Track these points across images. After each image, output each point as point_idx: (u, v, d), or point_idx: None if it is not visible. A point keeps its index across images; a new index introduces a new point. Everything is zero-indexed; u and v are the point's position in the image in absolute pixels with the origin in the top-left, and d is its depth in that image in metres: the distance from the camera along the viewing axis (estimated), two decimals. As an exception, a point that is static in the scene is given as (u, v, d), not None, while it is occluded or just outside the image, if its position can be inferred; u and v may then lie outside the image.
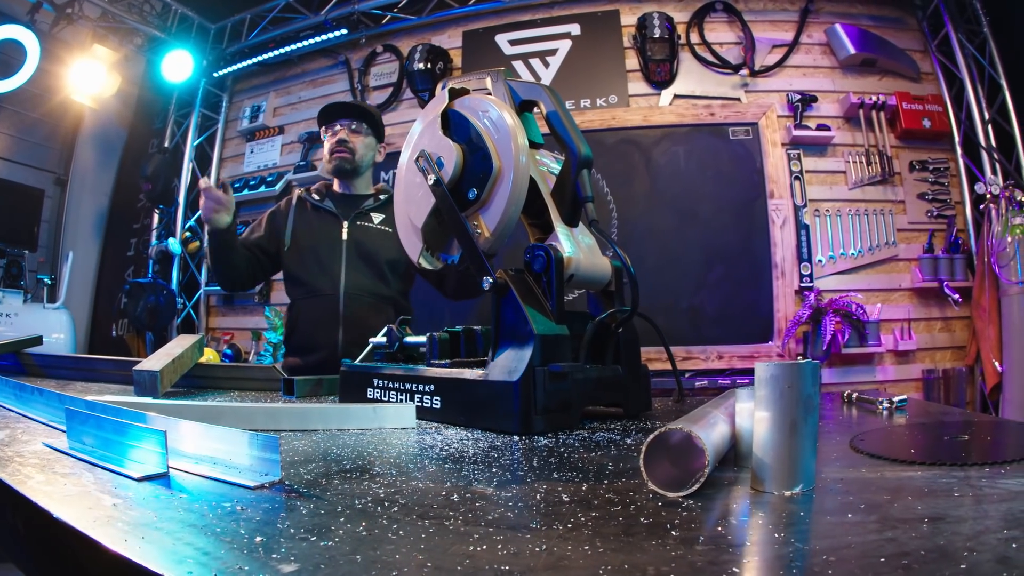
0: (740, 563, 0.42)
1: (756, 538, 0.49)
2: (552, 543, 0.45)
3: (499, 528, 0.49)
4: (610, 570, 0.40)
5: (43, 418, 1.02)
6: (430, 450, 0.83)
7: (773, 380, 0.60)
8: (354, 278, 2.26)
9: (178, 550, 0.42)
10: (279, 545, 0.44)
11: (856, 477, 0.67)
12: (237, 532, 0.46)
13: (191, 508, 0.53)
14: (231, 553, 0.42)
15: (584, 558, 0.42)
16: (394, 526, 0.49)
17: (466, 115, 1.23)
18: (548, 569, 0.40)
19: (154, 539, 0.45)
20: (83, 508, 0.52)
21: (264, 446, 0.64)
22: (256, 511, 0.53)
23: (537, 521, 0.51)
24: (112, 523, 0.48)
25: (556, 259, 1.12)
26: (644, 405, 1.33)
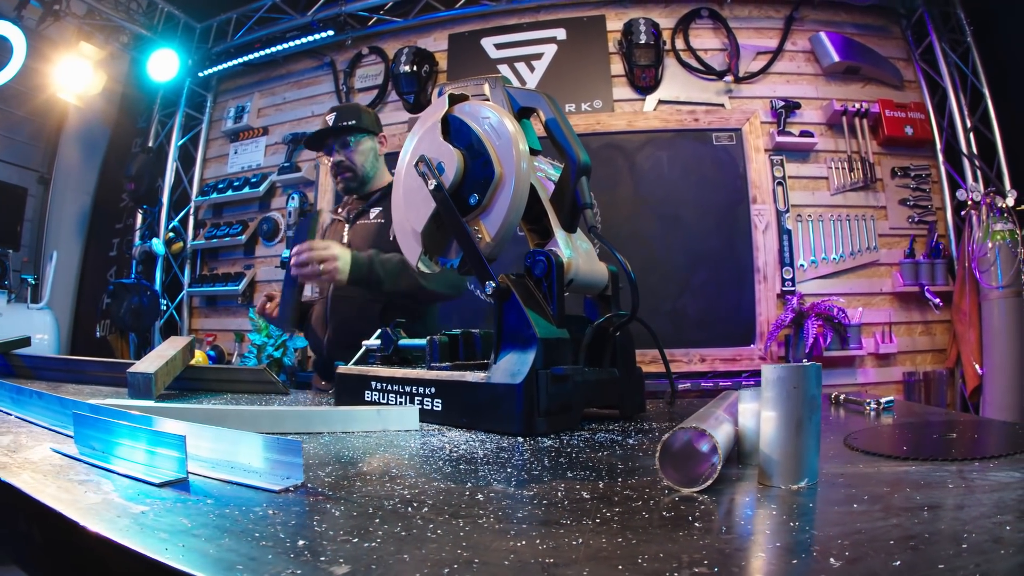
0: (765, 548, 0.46)
1: (773, 527, 0.52)
2: (586, 536, 0.48)
3: (532, 524, 0.51)
4: (648, 559, 0.43)
5: (44, 422, 1.00)
6: (440, 452, 0.84)
7: (780, 382, 0.64)
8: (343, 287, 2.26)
9: (224, 556, 0.42)
10: (323, 548, 0.44)
11: (855, 472, 0.71)
12: (277, 536, 0.47)
13: (222, 513, 0.53)
14: (278, 558, 0.42)
15: (620, 549, 0.45)
16: (430, 526, 0.50)
17: (467, 121, 1.24)
18: (590, 560, 0.43)
19: (195, 546, 0.45)
20: (111, 516, 0.51)
21: (286, 450, 0.65)
22: (288, 515, 0.53)
23: (566, 517, 0.54)
24: (146, 531, 0.48)
25: (557, 264, 1.14)
26: (639, 407, 1.35)
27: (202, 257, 5.51)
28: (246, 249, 5.26)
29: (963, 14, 4.29)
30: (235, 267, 5.29)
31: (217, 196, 5.31)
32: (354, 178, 2.31)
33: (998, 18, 4.26)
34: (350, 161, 2.30)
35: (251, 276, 5.13)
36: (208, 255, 5.49)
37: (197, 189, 5.53)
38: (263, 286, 5.12)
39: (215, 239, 5.25)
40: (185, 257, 5.45)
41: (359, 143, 2.32)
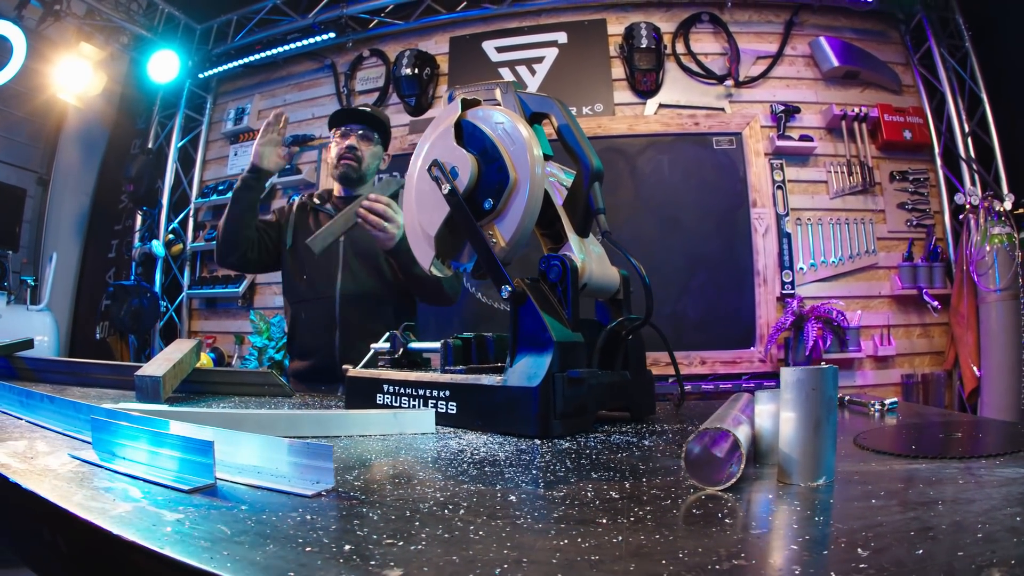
0: (795, 541, 0.49)
1: (799, 521, 0.55)
2: (625, 534, 0.49)
3: (569, 524, 0.52)
4: (687, 553, 0.45)
5: (58, 427, 0.97)
6: (461, 454, 0.85)
7: (799, 383, 0.66)
8: (351, 280, 2.24)
9: (272, 564, 0.42)
10: (370, 552, 0.44)
11: (869, 470, 0.74)
12: (321, 542, 0.47)
13: (260, 519, 0.53)
14: (328, 563, 0.42)
15: (660, 546, 0.47)
16: (471, 527, 0.51)
17: (480, 126, 1.25)
18: (633, 556, 0.44)
19: (240, 554, 0.44)
20: (147, 525, 0.50)
21: (316, 454, 0.64)
22: (326, 519, 0.53)
23: (601, 516, 0.55)
24: (187, 540, 0.47)
25: (571, 268, 1.15)
26: (649, 409, 1.37)
27: (202, 259, 5.50)
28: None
29: (961, 19, 4.34)
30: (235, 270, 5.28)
31: (217, 198, 5.30)
32: (356, 169, 2.31)
33: (996, 23, 4.30)
34: (362, 153, 2.31)
35: (251, 278, 5.13)
36: (208, 257, 5.48)
37: (197, 191, 5.53)
38: (264, 288, 5.12)
39: (215, 241, 5.22)
40: (185, 259, 5.44)
41: (375, 145, 2.35)
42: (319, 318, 2.24)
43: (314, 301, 2.26)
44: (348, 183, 2.36)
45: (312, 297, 2.27)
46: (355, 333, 2.11)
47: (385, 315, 2.16)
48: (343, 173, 2.33)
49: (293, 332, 2.34)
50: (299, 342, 2.33)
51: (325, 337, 2.22)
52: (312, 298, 2.27)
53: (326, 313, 2.23)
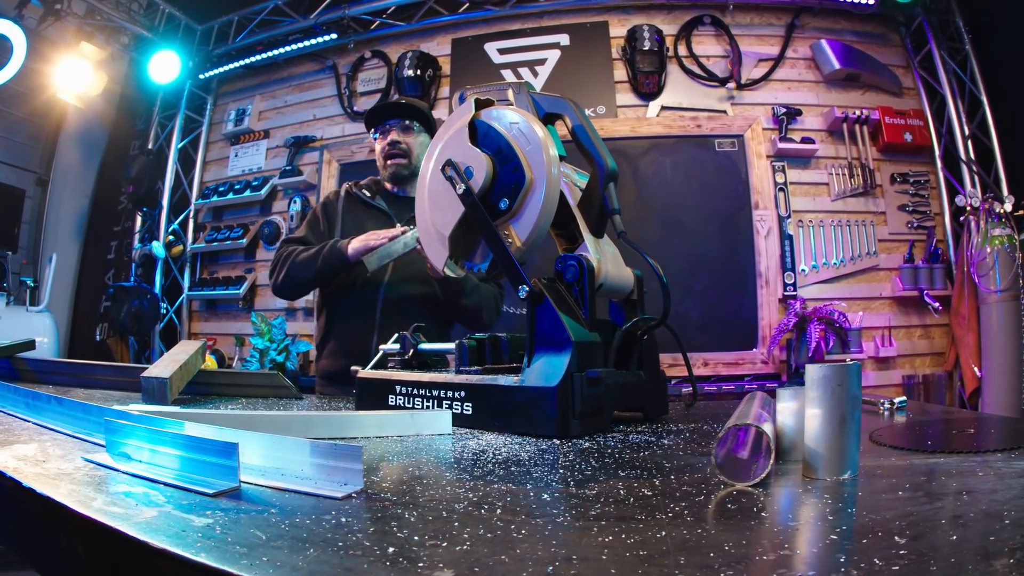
0: (835, 531, 0.50)
1: (834, 513, 0.56)
2: (668, 529, 0.50)
3: (610, 520, 0.53)
4: (732, 546, 0.46)
5: (67, 429, 0.95)
6: (483, 455, 0.85)
7: (825, 380, 0.68)
8: (398, 285, 2.15)
9: (317, 569, 0.41)
10: (416, 554, 0.44)
11: (889, 464, 0.77)
12: (362, 544, 0.46)
13: (293, 523, 0.51)
14: (375, 566, 0.41)
15: (704, 539, 0.47)
16: (511, 526, 0.51)
17: (495, 126, 1.25)
18: (682, 550, 0.45)
19: (281, 560, 0.43)
20: (175, 531, 0.48)
21: (344, 455, 0.64)
22: (362, 521, 0.53)
23: (639, 513, 0.55)
24: (222, 546, 0.45)
25: (588, 268, 1.15)
26: (662, 409, 1.37)
27: (202, 261, 5.48)
28: (247, 253, 5.24)
29: (961, 22, 4.35)
30: (235, 271, 5.27)
31: (218, 199, 5.29)
32: (407, 165, 2.23)
33: (996, 26, 4.31)
34: (407, 145, 2.22)
35: (252, 280, 5.12)
36: (208, 258, 5.47)
37: (197, 192, 5.51)
38: (264, 290, 5.11)
39: (215, 242, 5.22)
40: (185, 260, 5.42)
41: (419, 134, 2.26)
42: (358, 319, 2.15)
43: (356, 299, 2.17)
44: (401, 182, 2.28)
45: (354, 295, 2.18)
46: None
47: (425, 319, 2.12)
48: (393, 174, 2.25)
49: (328, 331, 2.24)
50: (334, 341, 2.23)
51: (364, 339, 2.12)
52: (354, 296, 2.17)
53: (367, 313, 2.14)
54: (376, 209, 2.26)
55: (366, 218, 2.24)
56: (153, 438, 0.71)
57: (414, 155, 2.23)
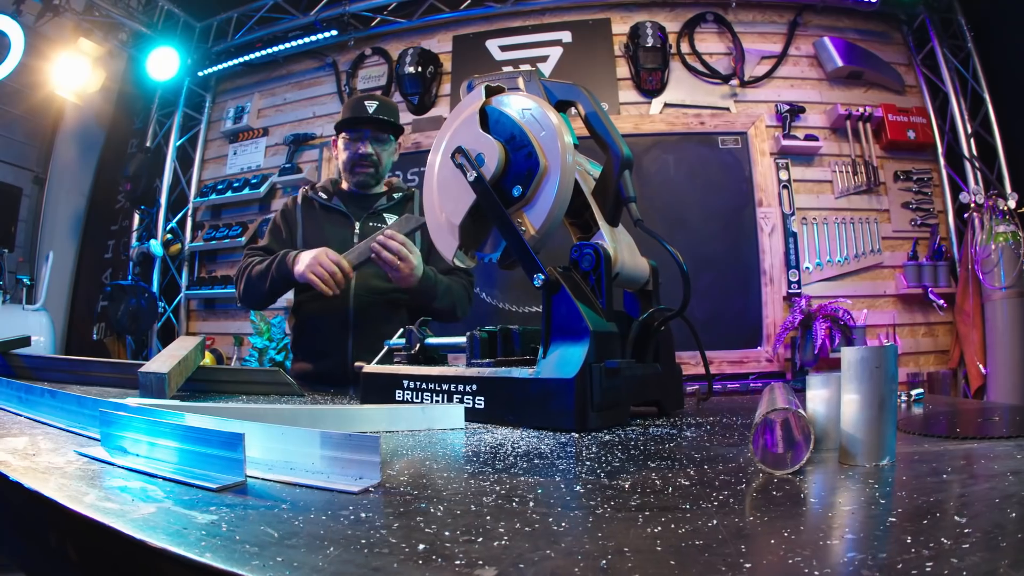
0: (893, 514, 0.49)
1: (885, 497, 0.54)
2: (718, 518, 0.47)
3: (653, 511, 0.49)
4: (790, 532, 0.44)
5: (60, 423, 0.91)
6: (502, 448, 0.81)
7: (863, 362, 0.66)
8: (365, 281, 2.14)
9: (341, 570, 0.37)
10: (449, 550, 0.40)
11: (924, 450, 0.76)
12: (387, 541, 0.42)
13: (308, 519, 0.47)
14: (406, 565, 0.37)
15: (760, 527, 0.46)
16: (549, 520, 0.47)
17: (507, 112, 1.22)
18: (738, 538, 0.42)
19: (299, 559, 0.38)
20: (176, 528, 0.44)
21: (360, 447, 0.60)
22: (384, 517, 0.48)
23: (682, 502, 0.52)
24: (229, 545, 0.41)
25: (605, 257, 1.12)
26: (678, 403, 1.34)
27: (200, 259, 5.44)
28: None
29: (963, 20, 4.35)
30: (234, 269, 5.21)
31: (216, 197, 5.25)
32: (375, 175, 2.26)
33: (998, 24, 4.30)
34: (378, 157, 2.24)
35: (251, 279, 5.07)
36: (206, 257, 5.42)
37: (195, 190, 5.47)
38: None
39: (214, 240, 5.17)
40: (183, 259, 5.38)
41: (390, 143, 2.29)
42: (331, 319, 2.14)
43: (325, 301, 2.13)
44: (366, 188, 2.31)
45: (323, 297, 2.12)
46: (371, 335, 2.00)
47: (400, 317, 2.12)
48: (361, 182, 2.26)
49: (300, 332, 2.24)
50: (307, 343, 2.22)
51: (337, 339, 2.12)
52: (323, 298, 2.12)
53: (339, 314, 2.13)
54: (334, 211, 2.27)
55: (325, 221, 2.25)
56: (152, 430, 0.67)
57: (382, 165, 2.27)
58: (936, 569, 0.35)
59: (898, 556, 0.37)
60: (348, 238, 2.19)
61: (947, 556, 0.37)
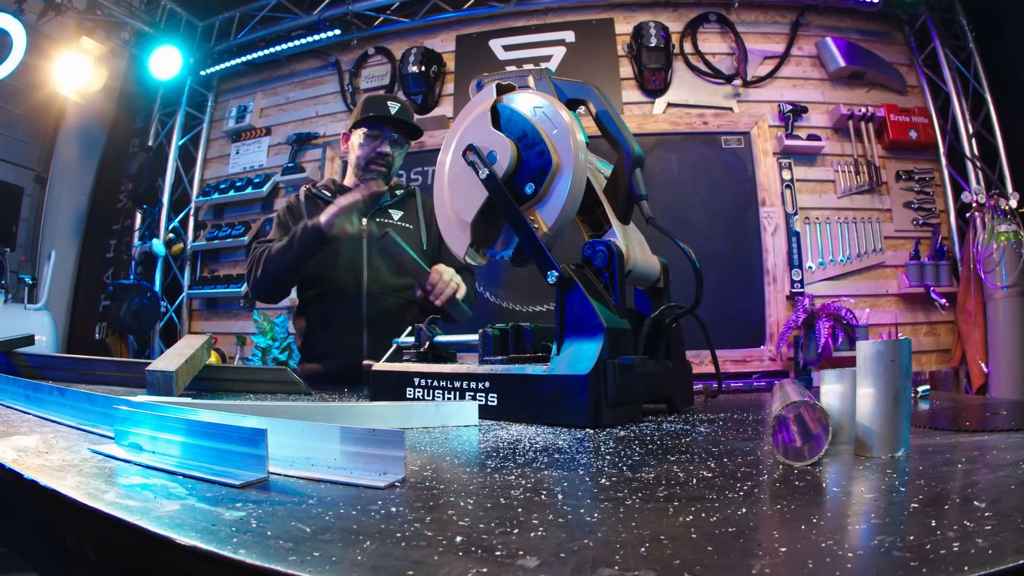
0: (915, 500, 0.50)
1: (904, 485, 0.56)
2: (746, 507, 0.48)
3: (681, 501, 0.50)
4: (818, 519, 0.45)
5: (70, 421, 0.89)
6: (519, 444, 0.82)
7: (879, 355, 0.68)
8: (378, 277, 2.15)
9: (383, 564, 0.36)
10: (488, 542, 0.40)
11: (937, 443, 0.78)
12: (423, 535, 0.42)
13: (338, 515, 0.47)
14: (447, 557, 0.37)
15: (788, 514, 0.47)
16: (580, 511, 0.48)
17: (518, 110, 1.22)
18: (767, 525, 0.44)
19: (337, 555, 0.38)
20: (205, 526, 0.43)
21: (385, 442, 0.59)
22: (415, 511, 0.48)
23: (709, 492, 0.53)
24: (262, 541, 0.40)
25: (618, 254, 1.12)
26: (688, 400, 1.34)
27: (202, 259, 5.44)
28: (248, 250, 5.19)
29: (965, 20, 4.36)
30: (237, 269, 5.22)
31: (219, 196, 5.24)
32: (386, 176, 2.25)
33: (999, 24, 4.31)
34: (392, 159, 2.25)
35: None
36: (209, 257, 5.42)
37: (198, 189, 5.47)
38: (266, 288, 5.06)
39: (216, 240, 5.17)
40: (185, 258, 5.37)
41: (404, 146, 2.31)
42: (345, 317, 2.13)
43: (338, 298, 2.14)
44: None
45: (335, 295, 2.15)
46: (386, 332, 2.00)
47: (413, 314, 2.12)
48: (373, 179, 2.22)
49: (311, 332, 2.22)
50: (319, 342, 2.21)
51: (351, 336, 2.11)
52: (335, 296, 2.15)
53: (352, 311, 2.12)
54: None
55: None
56: (168, 427, 0.66)
57: (394, 167, 2.28)
58: (963, 548, 0.36)
59: (925, 538, 0.39)
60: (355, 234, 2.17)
61: (971, 537, 0.39)
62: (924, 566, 0.34)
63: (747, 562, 0.36)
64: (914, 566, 0.34)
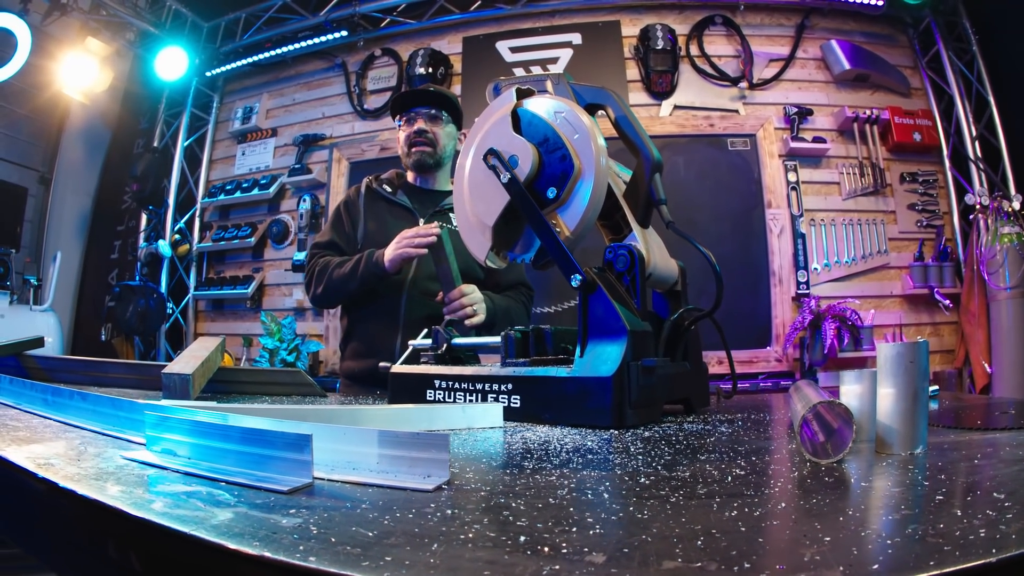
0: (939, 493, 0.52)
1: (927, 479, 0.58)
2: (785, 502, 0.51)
3: (723, 498, 0.52)
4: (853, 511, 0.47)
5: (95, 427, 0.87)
6: (548, 445, 0.83)
7: (899, 357, 0.70)
8: (422, 283, 2.10)
9: (458, 565, 0.37)
10: (550, 541, 0.41)
11: (952, 440, 0.81)
12: (486, 535, 0.42)
13: (395, 519, 0.46)
14: (519, 556, 0.38)
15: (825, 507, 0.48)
16: (630, 508, 0.49)
17: (539, 115, 1.24)
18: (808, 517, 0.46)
19: (410, 558, 0.38)
20: (264, 534, 0.42)
21: (430, 445, 0.60)
22: (469, 513, 0.49)
23: (746, 488, 0.55)
24: (328, 548, 0.40)
25: (639, 258, 1.14)
26: (704, 401, 1.36)
27: (208, 260, 5.45)
28: (255, 252, 5.21)
29: (968, 23, 4.38)
30: (243, 270, 5.24)
31: (225, 198, 5.26)
32: (432, 154, 2.17)
33: (1002, 27, 4.34)
34: (434, 135, 2.17)
35: (260, 279, 5.09)
36: (215, 258, 5.44)
37: (203, 190, 5.49)
38: (272, 290, 5.08)
39: (223, 241, 5.19)
40: (191, 260, 5.39)
41: (447, 124, 2.21)
42: (383, 318, 2.10)
43: (380, 300, 2.12)
44: (425, 170, 2.23)
45: (377, 296, 2.12)
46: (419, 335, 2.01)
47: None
48: (418, 161, 2.18)
49: (352, 330, 2.20)
50: (358, 341, 2.18)
51: (387, 339, 2.08)
52: (377, 296, 2.12)
53: (391, 313, 2.10)
54: (398, 206, 2.21)
55: (388, 215, 2.19)
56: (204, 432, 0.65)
57: (440, 145, 2.18)
58: (989, 534, 0.40)
59: (954, 526, 0.42)
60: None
61: (995, 524, 0.41)
62: (957, 550, 0.37)
63: (798, 551, 0.38)
64: (947, 550, 0.37)
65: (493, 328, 2.03)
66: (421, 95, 2.24)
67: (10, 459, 0.64)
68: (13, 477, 0.62)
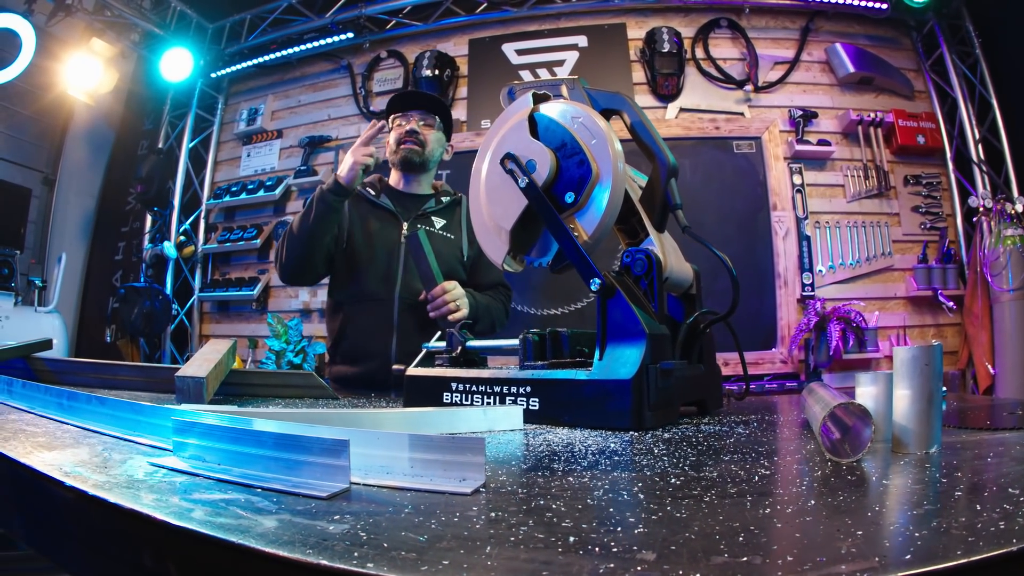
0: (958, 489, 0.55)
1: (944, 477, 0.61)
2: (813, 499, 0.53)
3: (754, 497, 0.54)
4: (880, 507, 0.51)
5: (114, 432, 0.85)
6: (571, 447, 0.84)
7: (914, 360, 0.73)
8: (411, 284, 2.13)
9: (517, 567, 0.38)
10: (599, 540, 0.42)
11: (964, 440, 0.83)
12: (534, 537, 0.43)
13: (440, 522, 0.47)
14: (573, 556, 0.39)
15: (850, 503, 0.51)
16: (667, 507, 0.51)
17: (556, 120, 1.25)
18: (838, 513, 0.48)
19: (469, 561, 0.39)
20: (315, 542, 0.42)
21: (465, 449, 0.60)
22: (514, 515, 0.50)
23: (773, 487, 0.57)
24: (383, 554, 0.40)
25: (657, 262, 1.15)
26: (718, 403, 1.37)
27: (213, 261, 5.46)
28: (260, 253, 5.22)
29: (971, 26, 4.40)
30: (248, 272, 5.25)
31: (230, 199, 5.26)
32: (420, 153, 2.21)
33: (1005, 30, 4.36)
34: (424, 137, 2.22)
35: (266, 281, 5.10)
36: (220, 259, 5.44)
37: (208, 192, 5.50)
38: (278, 291, 5.10)
39: (228, 243, 5.19)
40: (196, 261, 5.40)
41: (438, 130, 2.26)
42: (375, 321, 2.13)
43: (370, 303, 2.14)
44: (411, 168, 2.26)
45: (367, 298, 2.15)
46: (414, 338, 1.99)
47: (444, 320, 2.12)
48: (405, 157, 2.22)
49: (341, 335, 2.21)
50: (349, 345, 2.20)
51: (380, 342, 2.11)
52: (367, 300, 2.15)
53: (383, 316, 2.12)
54: (381, 209, 2.24)
55: (372, 217, 2.23)
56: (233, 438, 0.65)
57: (429, 147, 2.23)
58: (1008, 526, 0.42)
59: (975, 519, 0.44)
60: (395, 239, 2.19)
61: (1013, 516, 0.44)
62: (980, 540, 0.39)
63: (834, 544, 0.40)
64: (971, 540, 0.39)
65: (476, 324, 2.07)
66: (420, 97, 2.30)
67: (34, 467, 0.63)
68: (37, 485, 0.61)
